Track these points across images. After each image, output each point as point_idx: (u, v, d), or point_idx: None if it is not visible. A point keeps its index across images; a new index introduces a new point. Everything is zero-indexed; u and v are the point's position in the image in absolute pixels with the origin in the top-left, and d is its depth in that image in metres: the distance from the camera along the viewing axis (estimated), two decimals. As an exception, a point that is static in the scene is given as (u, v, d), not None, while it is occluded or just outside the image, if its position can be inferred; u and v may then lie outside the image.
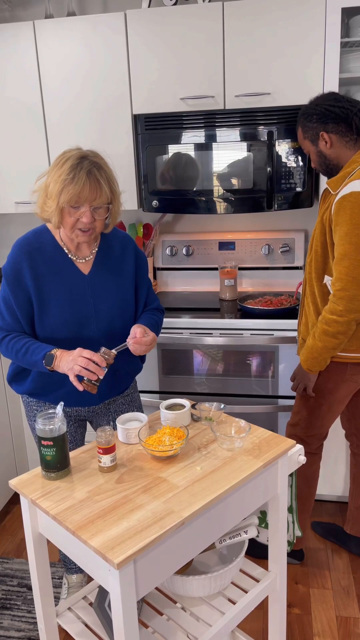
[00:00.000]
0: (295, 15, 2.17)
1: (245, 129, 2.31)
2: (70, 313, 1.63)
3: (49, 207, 1.55)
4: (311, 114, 1.82)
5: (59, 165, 1.53)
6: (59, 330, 1.63)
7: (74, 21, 2.35)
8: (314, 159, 1.89)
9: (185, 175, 2.40)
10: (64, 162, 1.52)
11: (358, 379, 1.94)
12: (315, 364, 1.85)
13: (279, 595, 1.52)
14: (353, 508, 2.22)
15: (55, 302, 1.62)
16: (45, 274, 1.62)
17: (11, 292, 1.60)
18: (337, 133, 1.80)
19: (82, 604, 1.45)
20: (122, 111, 2.42)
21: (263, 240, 2.72)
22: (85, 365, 1.46)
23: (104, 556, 1.06)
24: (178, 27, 2.27)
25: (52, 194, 1.53)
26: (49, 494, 1.26)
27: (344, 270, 1.72)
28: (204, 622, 1.37)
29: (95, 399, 1.75)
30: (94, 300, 1.66)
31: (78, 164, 1.51)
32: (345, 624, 1.94)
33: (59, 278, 1.63)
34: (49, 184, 1.54)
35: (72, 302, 1.63)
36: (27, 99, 2.48)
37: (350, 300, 1.73)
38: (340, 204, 1.72)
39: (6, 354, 1.63)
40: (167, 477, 1.29)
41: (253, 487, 1.34)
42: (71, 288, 1.64)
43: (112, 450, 1.32)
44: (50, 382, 1.69)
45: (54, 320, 1.62)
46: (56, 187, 1.51)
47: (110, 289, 1.69)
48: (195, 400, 2.40)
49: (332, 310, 1.76)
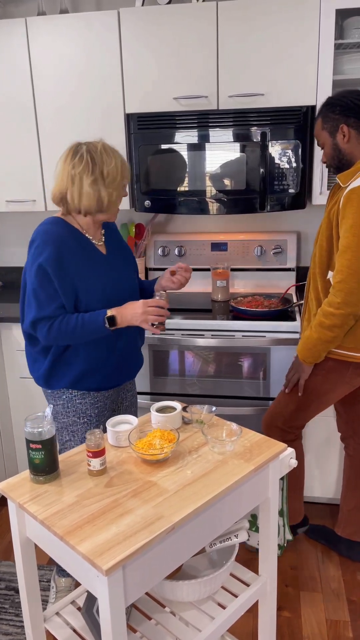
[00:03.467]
0: (290, 16, 2.16)
1: (238, 130, 2.30)
2: (110, 290, 1.77)
3: (107, 198, 1.68)
4: (335, 104, 1.80)
5: (105, 153, 1.67)
6: (103, 305, 1.75)
7: (66, 19, 2.33)
8: (328, 152, 1.87)
9: (177, 175, 2.39)
10: (103, 153, 1.66)
11: (355, 382, 1.93)
12: (309, 355, 1.85)
13: (269, 599, 1.51)
14: (345, 510, 2.22)
15: (95, 282, 1.73)
16: (80, 259, 1.72)
17: (58, 281, 1.67)
18: (357, 129, 1.79)
19: (70, 608, 1.43)
20: (115, 110, 2.40)
21: (255, 241, 2.71)
22: (157, 313, 1.69)
23: (92, 562, 1.05)
24: (171, 26, 2.26)
25: (115, 181, 1.67)
26: (37, 498, 1.24)
27: (346, 263, 1.71)
28: (194, 627, 1.35)
29: (132, 373, 1.93)
30: (118, 276, 1.82)
31: (110, 147, 1.70)
32: (335, 627, 1.94)
33: (92, 262, 1.75)
34: (108, 173, 1.65)
35: (107, 280, 1.77)
36: (18, 96, 2.45)
37: (349, 293, 1.71)
38: (348, 197, 1.71)
39: (57, 336, 1.69)
40: (157, 481, 1.28)
41: (244, 491, 1.33)
42: (101, 268, 1.77)
43: (101, 454, 1.30)
44: (100, 357, 1.79)
45: (96, 300, 1.73)
46: (118, 173, 1.67)
47: (124, 264, 1.87)
48: (186, 402, 2.39)
49: (330, 303, 1.75)
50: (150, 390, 2.47)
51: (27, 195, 2.58)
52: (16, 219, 3.01)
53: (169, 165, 2.38)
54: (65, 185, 1.68)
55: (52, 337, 1.69)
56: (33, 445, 1.27)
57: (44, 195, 2.56)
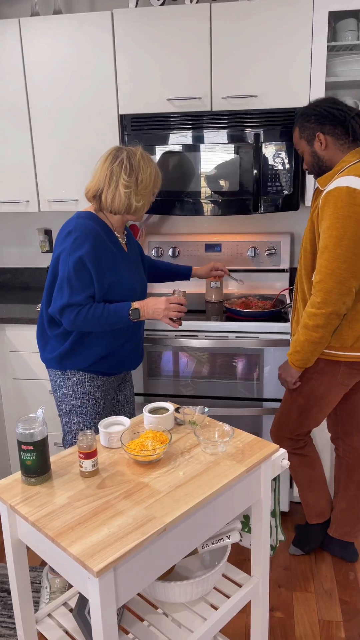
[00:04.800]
0: (283, 19, 2.17)
1: (232, 131, 2.30)
2: (133, 284, 1.91)
3: (136, 204, 1.82)
4: (310, 114, 1.85)
5: (143, 161, 1.81)
6: (128, 298, 1.89)
7: (60, 19, 2.32)
8: (307, 159, 1.90)
9: (171, 176, 2.39)
10: (141, 160, 1.81)
11: (349, 382, 1.94)
12: (299, 359, 1.86)
13: (261, 599, 1.51)
14: (337, 511, 2.23)
15: (122, 276, 1.87)
16: (112, 255, 1.84)
17: (96, 274, 1.79)
18: (333, 135, 1.82)
19: (62, 610, 1.43)
20: (109, 111, 2.40)
21: (249, 242, 2.72)
22: (178, 309, 1.86)
23: (83, 564, 1.05)
24: (165, 27, 2.26)
25: (147, 189, 1.83)
26: (28, 500, 1.24)
27: (324, 263, 1.74)
28: (186, 628, 1.35)
29: (136, 363, 2.07)
30: (136, 272, 1.97)
31: (147, 156, 1.85)
32: (328, 627, 1.94)
33: (119, 258, 1.88)
34: (142, 180, 1.80)
35: (129, 274, 1.91)
36: (11, 97, 2.45)
37: (327, 292, 1.73)
38: (325, 199, 1.75)
39: (83, 323, 1.80)
40: (149, 482, 1.28)
41: (236, 492, 1.33)
42: (125, 264, 1.90)
43: (93, 455, 1.30)
44: (118, 345, 1.93)
45: (124, 292, 1.87)
46: (151, 181, 1.83)
47: (139, 262, 2.05)
48: (179, 403, 2.39)
49: (312, 303, 1.78)
50: (144, 391, 2.47)
51: (20, 196, 2.57)
52: (9, 220, 3.00)
53: (163, 167, 2.38)
54: (102, 185, 1.81)
55: (78, 323, 1.80)
56: (25, 447, 1.27)
57: (37, 195, 2.56)
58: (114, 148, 1.84)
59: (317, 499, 2.21)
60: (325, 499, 2.24)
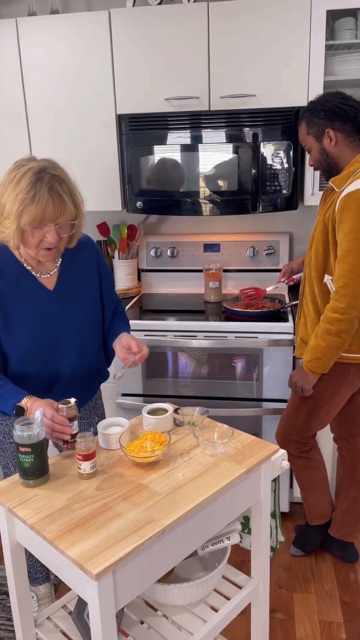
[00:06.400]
0: (281, 18, 2.16)
1: (230, 131, 2.30)
2: (39, 336, 1.54)
3: (7, 229, 1.41)
4: (319, 109, 1.80)
5: (14, 181, 1.38)
6: (29, 357, 1.54)
7: (57, 19, 2.32)
8: (315, 156, 1.86)
9: (169, 176, 2.38)
10: (20, 178, 1.37)
11: (358, 382, 1.93)
12: (319, 365, 1.81)
13: (261, 601, 1.50)
14: (339, 511, 2.22)
15: (22, 325, 1.52)
16: (9, 297, 1.51)
17: None
18: (343, 132, 1.79)
19: (61, 613, 1.42)
20: (106, 111, 2.39)
21: (248, 242, 2.71)
22: (51, 428, 1.34)
23: (81, 567, 1.04)
24: (163, 27, 2.25)
25: (10, 215, 1.38)
26: (26, 502, 1.23)
27: (347, 267, 1.70)
28: (186, 631, 1.35)
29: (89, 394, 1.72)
30: (63, 316, 1.57)
31: (37, 179, 1.36)
32: (329, 628, 1.94)
33: (24, 298, 1.53)
34: (4, 203, 1.39)
35: (39, 322, 1.54)
36: (9, 97, 2.44)
37: (354, 297, 1.70)
38: (345, 201, 1.70)
39: None
40: (148, 484, 1.27)
41: (236, 493, 1.32)
42: (38, 307, 1.54)
43: (92, 457, 1.29)
44: None
45: (22, 345, 1.52)
46: (14, 208, 1.36)
47: (79, 303, 1.60)
48: (179, 404, 2.38)
49: (335, 309, 1.74)
50: (143, 392, 2.46)
51: None
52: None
53: (161, 166, 2.38)
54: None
55: None
56: (22, 449, 1.26)
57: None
58: (27, 157, 1.48)
59: (319, 501, 2.21)
60: (327, 501, 2.23)
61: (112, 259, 2.79)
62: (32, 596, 2.03)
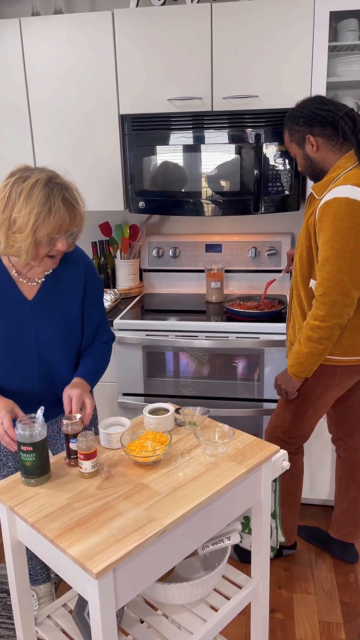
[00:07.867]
0: (284, 19, 2.17)
1: (233, 131, 2.30)
2: (8, 343, 1.52)
3: (17, 243, 1.38)
4: (298, 117, 1.82)
5: (23, 195, 1.35)
6: (12, 358, 1.52)
7: (60, 19, 2.32)
8: (301, 162, 1.89)
9: (172, 176, 2.39)
10: (30, 191, 1.35)
11: (346, 383, 1.94)
12: (302, 370, 1.84)
13: (261, 601, 1.50)
14: (338, 512, 2.22)
15: (3, 325, 1.51)
16: None
17: None
18: (324, 136, 1.80)
19: (61, 611, 1.42)
20: (109, 111, 2.40)
21: (250, 242, 2.71)
22: (1, 438, 1.37)
23: (82, 565, 1.04)
24: (166, 27, 2.25)
25: (24, 229, 1.35)
26: (27, 501, 1.23)
27: (326, 276, 1.72)
28: (186, 630, 1.35)
29: None
30: (35, 327, 1.55)
31: (49, 191, 1.36)
32: (328, 629, 1.94)
33: (1, 305, 1.51)
34: (16, 218, 1.36)
35: (11, 330, 1.52)
36: (12, 97, 2.44)
37: (332, 305, 1.73)
38: (323, 210, 1.72)
39: None
40: (149, 483, 1.27)
41: (236, 493, 1.33)
42: (12, 315, 1.52)
43: (93, 456, 1.30)
44: None
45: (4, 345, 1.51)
46: (30, 222, 1.34)
47: (55, 315, 1.57)
48: (180, 404, 2.39)
49: (315, 316, 1.76)
50: (144, 391, 2.46)
51: None
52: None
53: (163, 167, 2.38)
54: None
55: None
56: (24, 448, 1.26)
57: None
58: (22, 166, 1.45)
59: (288, 514, 2.14)
60: (293, 521, 2.16)
61: (114, 258, 2.80)
62: (33, 595, 2.03)
